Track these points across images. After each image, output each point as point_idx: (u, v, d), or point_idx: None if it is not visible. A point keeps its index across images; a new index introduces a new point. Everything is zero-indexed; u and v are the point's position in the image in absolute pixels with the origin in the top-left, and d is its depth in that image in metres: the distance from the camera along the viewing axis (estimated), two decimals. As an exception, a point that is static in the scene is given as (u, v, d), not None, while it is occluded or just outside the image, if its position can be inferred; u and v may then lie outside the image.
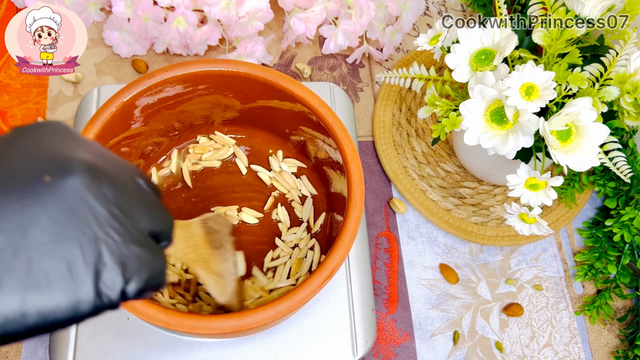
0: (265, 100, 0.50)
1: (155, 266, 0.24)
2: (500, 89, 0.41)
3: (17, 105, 0.62)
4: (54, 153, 0.22)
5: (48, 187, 0.21)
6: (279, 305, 0.38)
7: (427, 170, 0.61)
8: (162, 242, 0.26)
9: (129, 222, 0.23)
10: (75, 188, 0.21)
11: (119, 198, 0.23)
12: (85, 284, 0.21)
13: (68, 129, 0.25)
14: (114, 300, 0.22)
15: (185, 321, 0.37)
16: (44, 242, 0.20)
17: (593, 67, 0.43)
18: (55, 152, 0.22)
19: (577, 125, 0.40)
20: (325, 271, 0.39)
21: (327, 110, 0.46)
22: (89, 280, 0.21)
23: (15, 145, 0.22)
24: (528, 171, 0.42)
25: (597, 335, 0.56)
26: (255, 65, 0.47)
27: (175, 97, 0.48)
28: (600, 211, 0.61)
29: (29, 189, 0.21)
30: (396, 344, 0.54)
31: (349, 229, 0.41)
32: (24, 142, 0.23)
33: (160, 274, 0.24)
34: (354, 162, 0.44)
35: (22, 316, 0.20)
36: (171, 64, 0.46)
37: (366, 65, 0.67)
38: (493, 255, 0.58)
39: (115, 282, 0.22)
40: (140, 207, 0.24)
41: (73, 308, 0.21)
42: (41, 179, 0.21)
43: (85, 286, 0.21)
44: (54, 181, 0.21)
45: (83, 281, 0.21)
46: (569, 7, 0.45)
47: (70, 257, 0.21)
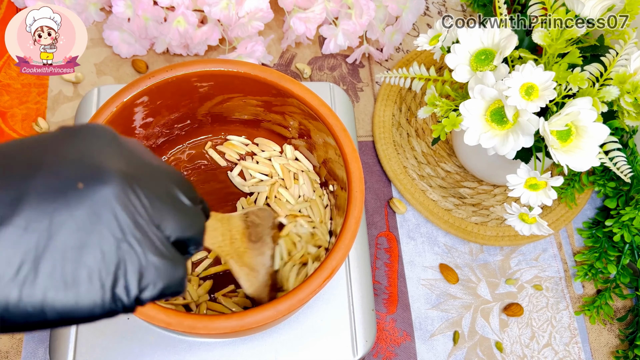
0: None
1: (173, 276, 0.24)
2: (500, 89, 0.41)
3: (17, 105, 0.62)
4: (93, 161, 0.23)
5: (80, 195, 0.22)
6: (279, 305, 0.38)
7: (427, 170, 0.61)
8: (190, 247, 0.27)
9: (152, 231, 0.24)
10: (104, 198, 0.22)
11: (147, 208, 0.24)
12: (102, 289, 0.22)
13: (114, 135, 0.26)
14: (128, 305, 0.23)
15: (185, 321, 0.37)
16: (68, 247, 0.22)
17: (593, 67, 0.43)
18: (94, 160, 0.23)
19: (577, 125, 0.40)
20: (325, 271, 0.39)
21: (327, 110, 0.46)
22: (106, 286, 0.22)
23: (61, 147, 0.23)
24: (528, 171, 0.42)
25: (597, 335, 0.56)
26: (255, 65, 0.47)
27: (175, 98, 0.48)
28: (600, 211, 0.61)
29: (62, 195, 0.22)
30: (396, 344, 0.54)
31: (349, 228, 0.41)
32: (70, 145, 0.24)
33: (178, 284, 0.25)
34: (354, 162, 0.44)
35: (41, 312, 0.21)
36: (171, 64, 0.46)
37: (366, 65, 0.67)
38: (493, 255, 0.58)
39: (130, 289, 0.23)
40: (169, 216, 0.25)
41: (89, 310, 0.22)
42: (75, 185, 0.22)
43: (102, 291, 0.22)
44: (87, 189, 0.22)
45: (101, 286, 0.22)
46: (569, 7, 0.45)
47: (91, 264, 0.22)
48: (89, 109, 0.56)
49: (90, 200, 0.22)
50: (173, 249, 0.25)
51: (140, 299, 0.23)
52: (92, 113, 0.56)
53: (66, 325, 0.22)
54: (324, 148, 0.50)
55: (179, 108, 0.50)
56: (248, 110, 0.53)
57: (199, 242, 0.27)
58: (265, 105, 0.51)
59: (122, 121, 0.45)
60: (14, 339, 0.51)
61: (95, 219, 0.22)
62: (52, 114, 0.61)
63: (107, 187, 0.22)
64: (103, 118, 0.43)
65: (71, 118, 0.61)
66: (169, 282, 0.24)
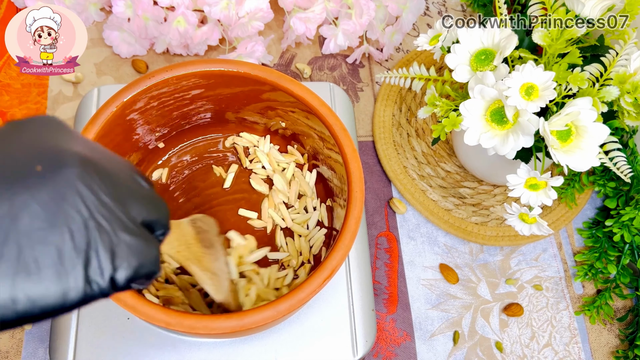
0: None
1: (147, 254, 0.24)
2: (500, 89, 0.41)
3: (17, 106, 0.62)
4: (48, 145, 0.23)
5: (40, 177, 0.21)
6: (279, 305, 0.38)
7: (427, 170, 0.61)
8: (158, 231, 0.26)
9: (120, 210, 0.23)
10: (66, 178, 0.22)
11: (111, 188, 0.23)
12: (74, 270, 0.21)
13: (62, 124, 0.25)
14: (104, 287, 0.22)
15: (185, 321, 0.37)
16: (34, 228, 0.21)
17: (593, 67, 0.43)
18: (48, 144, 0.23)
19: (577, 125, 0.40)
20: (325, 271, 0.39)
21: (327, 110, 0.46)
22: (78, 267, 0.21)
23: (8, 138, 0.23)
24: (528, 171, 0.42)
25: (597, 335, 0.56)
26: (255, 65, 0.47)
27: (176, 98, 0.48)
28: (600, 211, 0.61)
29: (21, 178, 0.21)
30: (396, 344, 0.54)
31: (349, 229, 0.41)
32: (17, 135, 0.23)
33: (153, 262, 0.24)
34: (353, 162, 0.44)
35: (12, 302, 0.20)
36: (171, 64, 0.46)
37: (366, 65, 0.67)
38: (493, 255, 0.58)
39: (104, 269, 0.22)
40: (133, 197, 0.24)
41: (63, 294, 0.21)
42: (33, 168, 0.21)
43: (74, 272, 0.21)
44: (46, 171, 0.21)
45: (72, 267, 0.21)
46: (569, 7, 0.45)
47: (60, 244, 0.21)
48: (89, 109, 0.56)
49: (52, 182, 0.21)
50: (143, 228, 0.24)
51: (115, 281, 0.22)
52: (92, 113, 0.56)
53: (44, 318, 0.21)
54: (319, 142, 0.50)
55: (180, 108, 0.50)
56: (250, 110, 0.53)
57: (166, 225, 0.26)
58: (269, 107, 0.51)
59: (122, 121, 0.45)
60: (14, 338, 0.51)
61: (59, 199, 0.21)
62: (52, 114, 0.61)
63: (68, 167, 0.22)
64: (103, 118, 0.43)
65: (71, 118, 0.61)
66: (143, 259, 0.23)
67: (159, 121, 0.50)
